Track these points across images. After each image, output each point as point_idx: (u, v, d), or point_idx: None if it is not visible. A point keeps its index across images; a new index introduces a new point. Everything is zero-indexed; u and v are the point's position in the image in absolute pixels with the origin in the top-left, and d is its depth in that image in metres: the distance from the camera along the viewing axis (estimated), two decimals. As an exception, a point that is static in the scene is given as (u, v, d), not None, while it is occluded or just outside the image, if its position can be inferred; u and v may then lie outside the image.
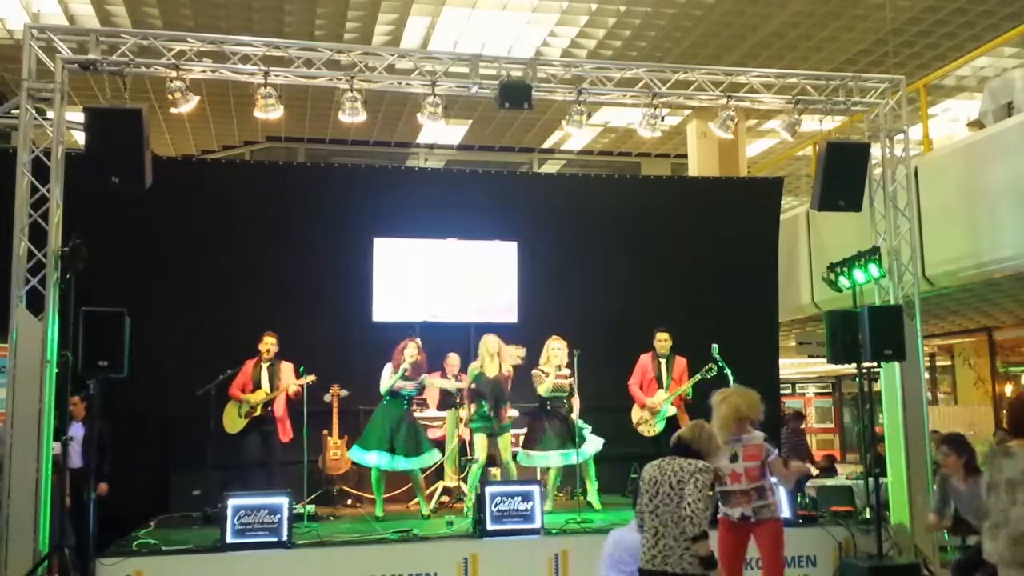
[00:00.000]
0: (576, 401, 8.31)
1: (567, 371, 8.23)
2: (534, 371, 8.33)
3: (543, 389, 8.22)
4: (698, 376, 8.51)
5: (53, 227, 6.82)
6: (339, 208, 9.64)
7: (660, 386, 8.69)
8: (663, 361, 8.79)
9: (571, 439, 8.05)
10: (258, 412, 8.27)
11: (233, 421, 8.32)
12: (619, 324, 9.70)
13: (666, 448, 8.48)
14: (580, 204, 10.32)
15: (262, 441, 8.32)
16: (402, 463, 7.97)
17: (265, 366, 8.42)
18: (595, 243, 10.21)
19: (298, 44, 7.96)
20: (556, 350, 8.24)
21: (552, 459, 8.21)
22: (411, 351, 8.02)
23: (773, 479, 5.63)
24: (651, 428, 8.51)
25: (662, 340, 8.77)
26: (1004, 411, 13.21)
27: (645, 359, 8.83)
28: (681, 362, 8.78)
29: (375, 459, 7.95)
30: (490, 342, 8.26)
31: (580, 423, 8.23)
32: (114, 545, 6.70)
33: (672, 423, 8.53)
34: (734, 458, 5.56)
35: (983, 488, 4.23)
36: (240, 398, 8.30)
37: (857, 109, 8.59)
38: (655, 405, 8.56)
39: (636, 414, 8.69)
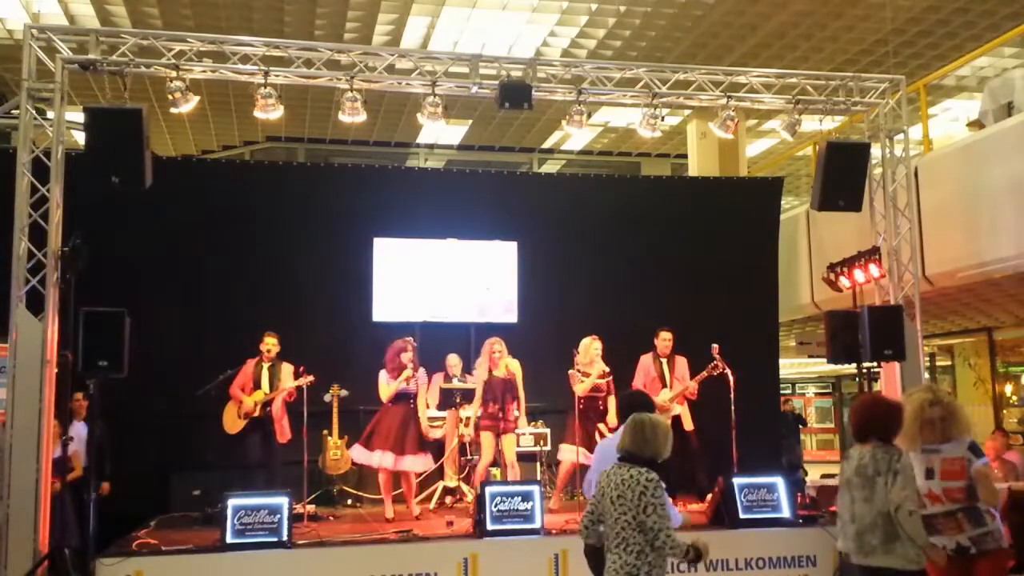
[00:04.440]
0: (612, 401, 8.27)
1: (606, 369, 8.26)
2: (572, 371, 8.30)
3: (581, 389, 8.21)
4: (704, 373, 8.49)
5: (53, 227, 6.82)
6: (339, 208, 9.64)
7: (664, 385, 8.68)
8: (664, 361, 8.78)
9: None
10: (256, 413, 8.25)
11: (233, 421, 8.30)
12: (619, 324, 9.66)
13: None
14: (580, 204, 10.31)
15: (262, 441, 8.30)
16: (408, 463, 7.93)
17: (266, 366, 8.39)
18: (595, 243, 10.21)
19: (298, 44, 7.96)
20: (597, 351, 8.27)
21: (570, 454, 8.21)
22: (408, 355, 8.01)
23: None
24: None
25: (665, 340, 8.75)
26: (1003, 411, 13.23)
27: (646, 360, 8.81)
28: (682, 362, 8.76)
29: (381, 460, 7.90)
30: (492, 345, 8.30)
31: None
32: (114, 545, 6.69)
33: (677, 422, 8.53)
34: (929, 474, 4.52)
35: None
36: (240, 399, 8.29)
37: (857, 109, 8.59)
38: (661, 405, 8.54)
39: None
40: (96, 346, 6.45)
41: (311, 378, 8.19)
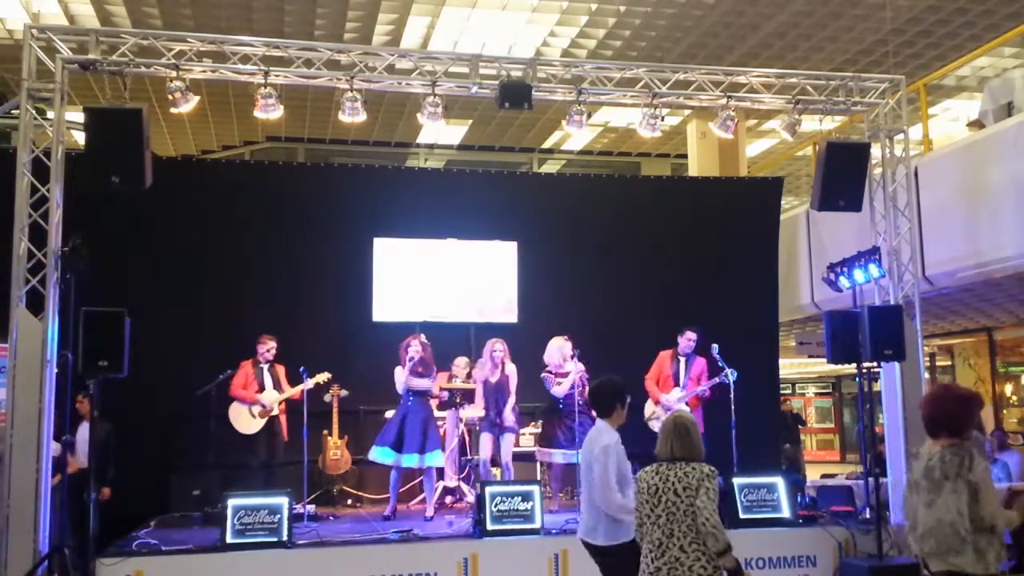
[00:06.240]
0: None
1: (581, 367, 8.28)
2: (544, 374, 8.33)
3: (561, 390, 8.23)
4: (717, 380, 8.46)
5: (53, 227, 6.82)
6: (339, 208, 9.64)
7: (676, 384, 8.67)
8: (683, 359, 8.77)
9: (574, 438, 8.06)
10: (275, 412, 8.31)
11: (247, 421, 8.32)
12: (619, 324, 9.70)
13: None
14: (580, 204, 10.31)
15: (268, 442, 8.35)
16: (428, 460, 7.91)
17: (265, 368, 8.44)
18: (595, 243, 10.21)
19: (298, 44, 7.95)
20: (569, 350, 8.29)
21: (556, 456, 8.23)
22: (415, 347, 8.02)
23: None
24: None
25: (689, 339, 8.73)
26: (1003, 412, 13.24)
27: (664, 356, 8.81)
28: (700, 362, 8.75)
29: (404, 459, 7.86)
30: (494, 345, 8.37)
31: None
32: (114, 545, 6.70)
33: None
34: None
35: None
36: (255, 399, 8.30)
37: (857, 109, 8.58)
38: (670, 403, 8.53)
39: (649, 409, 8.66)
40: (96, 346, 6.43)
41: (328, 375, 8.24)
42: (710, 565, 4.09)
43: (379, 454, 7.98)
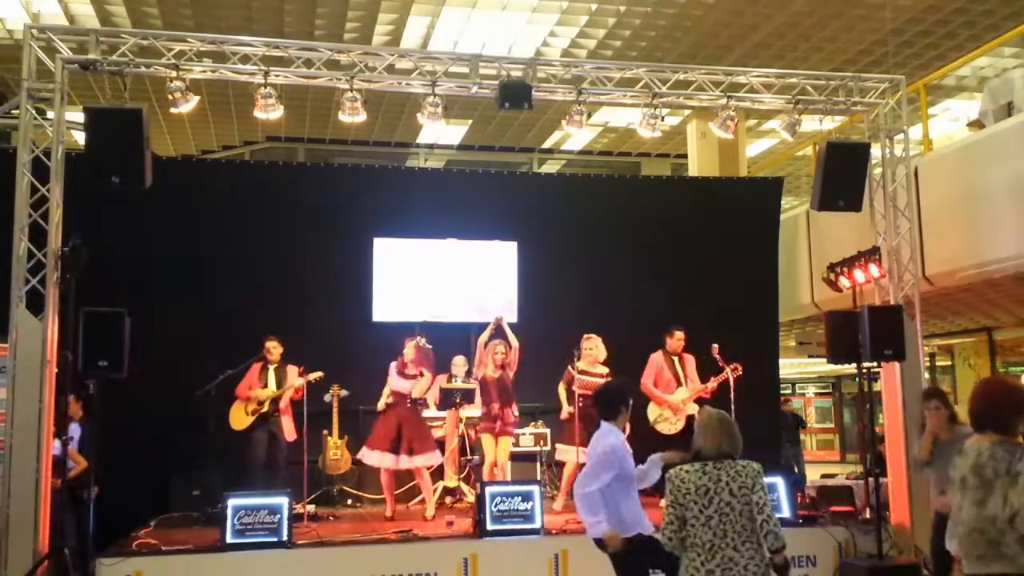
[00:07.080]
0: None
1: (605, 369, 8.28)
2: (568, 372, 8.33)
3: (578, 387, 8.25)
4: (724, 375, 8.45)
5: (53, 227, 6.82)
6: (339, 208, 9.64)
7: (679, 384, 8.63)
8: (676, 359, 8.75)
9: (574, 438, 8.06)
10: (265, 408, 8.30)
11: (240, 418, 8.35)
12: (619, 324, 9.67)
13: (677, 445, 8.50)
14: (580, 204, 10.32)
15: (267, 441, 8.35)
16: (404, 462, 7.91)
17: (272, 368, 8.46)
18: (595, 243, 10.21)
19: (298, 44, 7.95)
20: (591, 349, 8.31)
21: (570, 454, 8.24)
22: (408, 349, 8.03)
23: None
24: (672, 426, 8.47)
25: (679, 339, 8.72)
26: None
27: (657, 358, 8.75)
28: (690, 359, 8.77)
29: (378, 459, 7.90)
30: (493, 348, 8.37)
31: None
32: (114, 545, 6.70)
33: (690, 420, 8.50)
34: None
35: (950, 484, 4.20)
36: (248, 397, 8.33)
37: (857, 109, 8.58)
38: (678, 403, 8.51)
39: (654, 412, 8.62)
40: (96, 346, 6.43)
41: (320, 373, 8.26)
42: (763, 563, 4.07)
43: (362, 453, 8.05)
